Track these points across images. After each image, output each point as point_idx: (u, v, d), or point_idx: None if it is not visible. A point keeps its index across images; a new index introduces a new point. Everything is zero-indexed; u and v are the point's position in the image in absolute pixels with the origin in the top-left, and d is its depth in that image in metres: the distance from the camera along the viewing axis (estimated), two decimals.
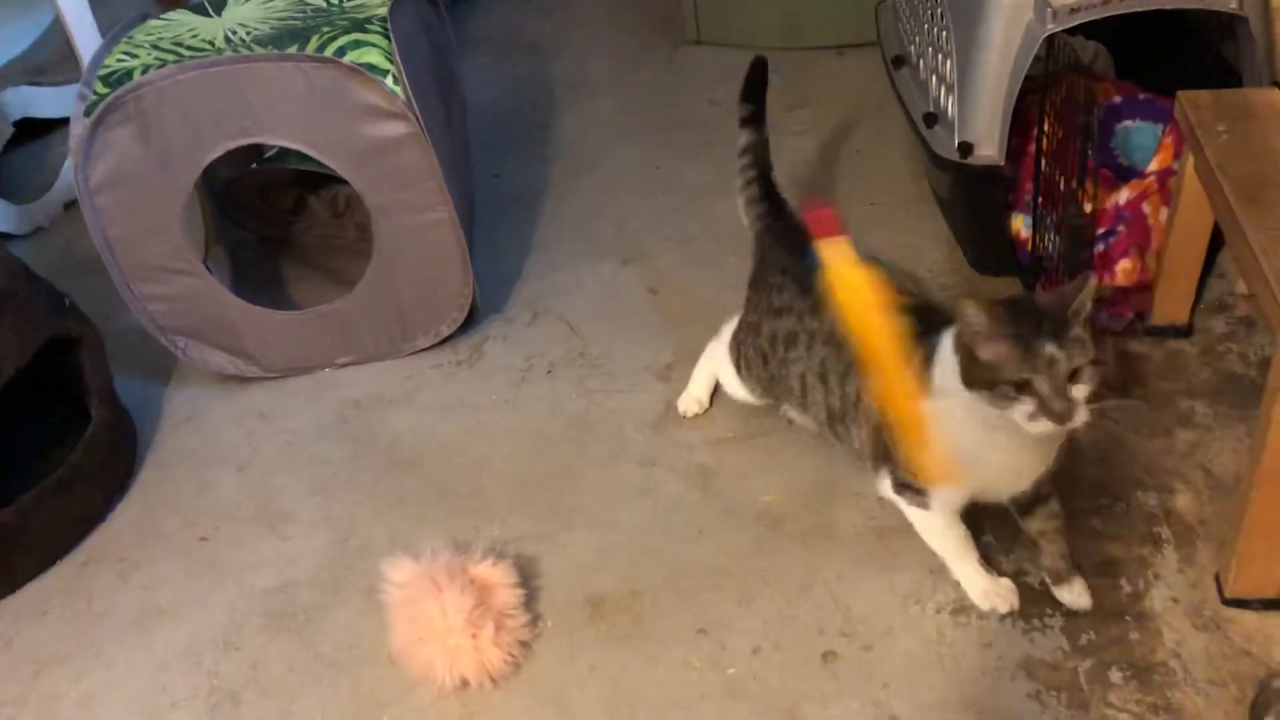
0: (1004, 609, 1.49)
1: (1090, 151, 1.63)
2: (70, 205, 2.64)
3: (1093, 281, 1.25)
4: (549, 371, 2.01)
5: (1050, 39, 1.76)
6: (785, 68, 2.83)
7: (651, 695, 1.45)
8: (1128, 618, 1.47)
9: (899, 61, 2.23)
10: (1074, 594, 1.49)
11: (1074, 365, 1.23)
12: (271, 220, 2.38)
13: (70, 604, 1.68)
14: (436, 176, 1.87)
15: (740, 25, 2.96)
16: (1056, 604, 1.49)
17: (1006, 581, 1.51)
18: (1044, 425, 1.24)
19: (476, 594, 1.50)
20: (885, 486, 1.51)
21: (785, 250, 1.67)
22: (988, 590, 1.50)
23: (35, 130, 2.77)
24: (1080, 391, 1.24)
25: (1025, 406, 1.24)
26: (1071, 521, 1.59)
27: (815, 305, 1.53)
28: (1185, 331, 1.87)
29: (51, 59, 2.82)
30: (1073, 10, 1.75)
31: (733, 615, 1.54)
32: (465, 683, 1.47)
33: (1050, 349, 1.23)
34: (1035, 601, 1.51)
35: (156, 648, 1.60)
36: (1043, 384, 1.23)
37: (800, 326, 1.58)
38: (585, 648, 1.52)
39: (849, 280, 1.34)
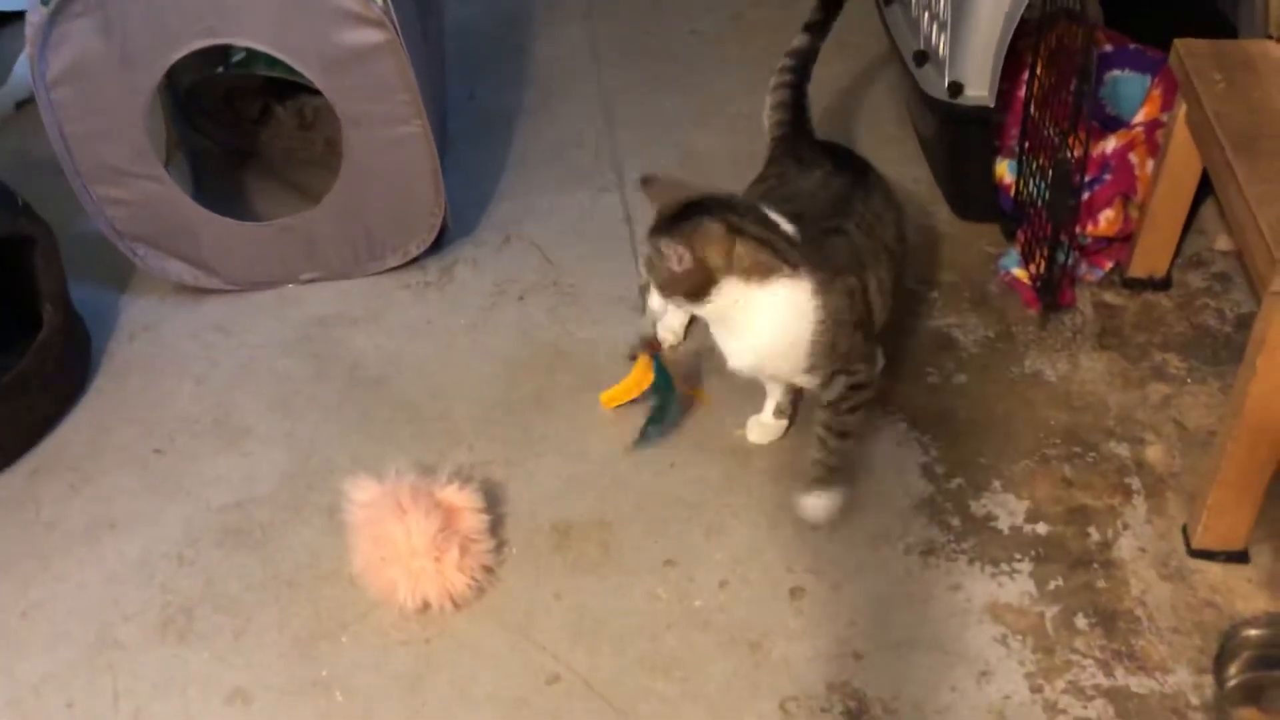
0: (755, 438, 1.65)
1: (1086, 93, 1.60)
2: (23, 105, 2.52)
3: (673, 243, 1.33)
4: (520, 298, 1.96)
5: None
6: (770, 3, 2.77)
7: (616, 624, 1.44)
8: (1095, 565, 1.47)
9: None
10: (807, 505, 1.52)
11: (648, 275, 1.36)
12: (236, 129, 2.29)
13: (17, 514, 1.63)
14: (412, 89, 1.81)
15: None
16: (1025, 549, 1.50)
17: (774, 423, 1.65)
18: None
19: (442, 517, 1.47)
20: None
21: (796, 166, 1.62)
22: (752, 421, 1.65)
23: None
24: (653, 295, 1.37)
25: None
26: (1042, 468, 1.60)
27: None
28: (1163, 284, 1.86)
29: None
30: None
31: (701, 548, 1.52)
32: (427, 605, 1.45)
33: (645, 245, 1.37)
34: (1004, 546, 1.51)
35: (108, 560, 1.56)
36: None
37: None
38: (550, 575, 1.50)
39: None
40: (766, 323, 1.38)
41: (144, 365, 1.87)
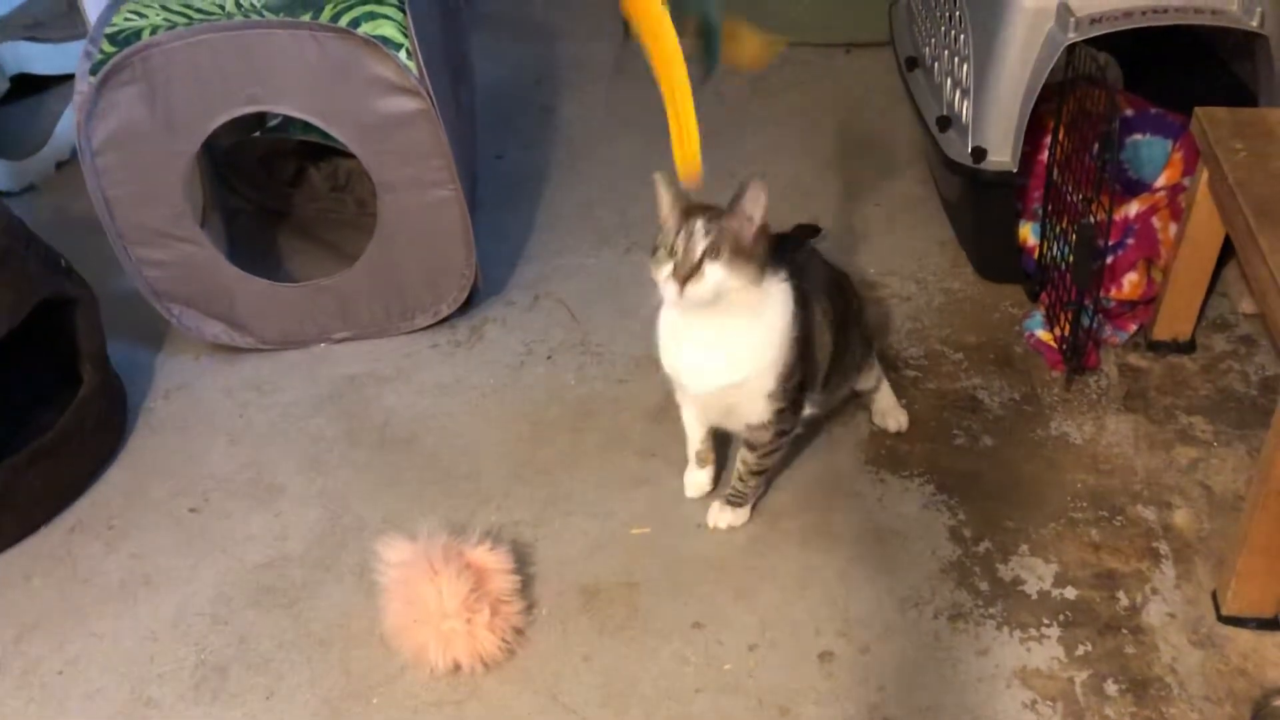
0: (690, 493, 1.69)
1: (1108, 160, 1.62)
2: (63, 165, 2.60)
3: (757, 183, 1.40)
4: (548, 357, 1.99)
5: (1070, 48, 1.76)
6: (791, 64, 2.82)
7: (645, 687, 1.44)
8: (1124, 630, 1.47)
9: (912, 63, 2.23)
10: (715, 516, 1.64)
11: (712, 241, 1.38)
12: (270, 190, 2.34)
13: (55, 569, 1.65)
14: (445, 154, 1.85)
15: (748, 18, 2.94)
16: (1054, 614, 1.50)
17: (701, 473, 1.69)
18: (673, 289, 1.38)
19: (472, 578, 1.48)
20: None
21: None
22: (688, 478, 1.70)
23: (30, 87, 2.71)
24: (712, 269, 1.38)
25: (667, 267, 1.39)
26: (1070, 532, 1.60)
27: None
28: (1187, 347, 1.87)
29: (49, 14, 2.77)
30: (1094, 21, 1.74)
31: (730, 610, 1.53)
32: (458, 667, 1.46)
33: (699, 223, 1.38)
34: (1032, 610, 1.51)
35: (143, 617, 1.57)
36: (681, 248, 1.38)
37: None
38: (579, 636, 1.51)
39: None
40: (764, 326, 1.46)
41: (179, 423, 1.90)
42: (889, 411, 1.78)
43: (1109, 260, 1.85)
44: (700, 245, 1.38)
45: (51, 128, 2.59)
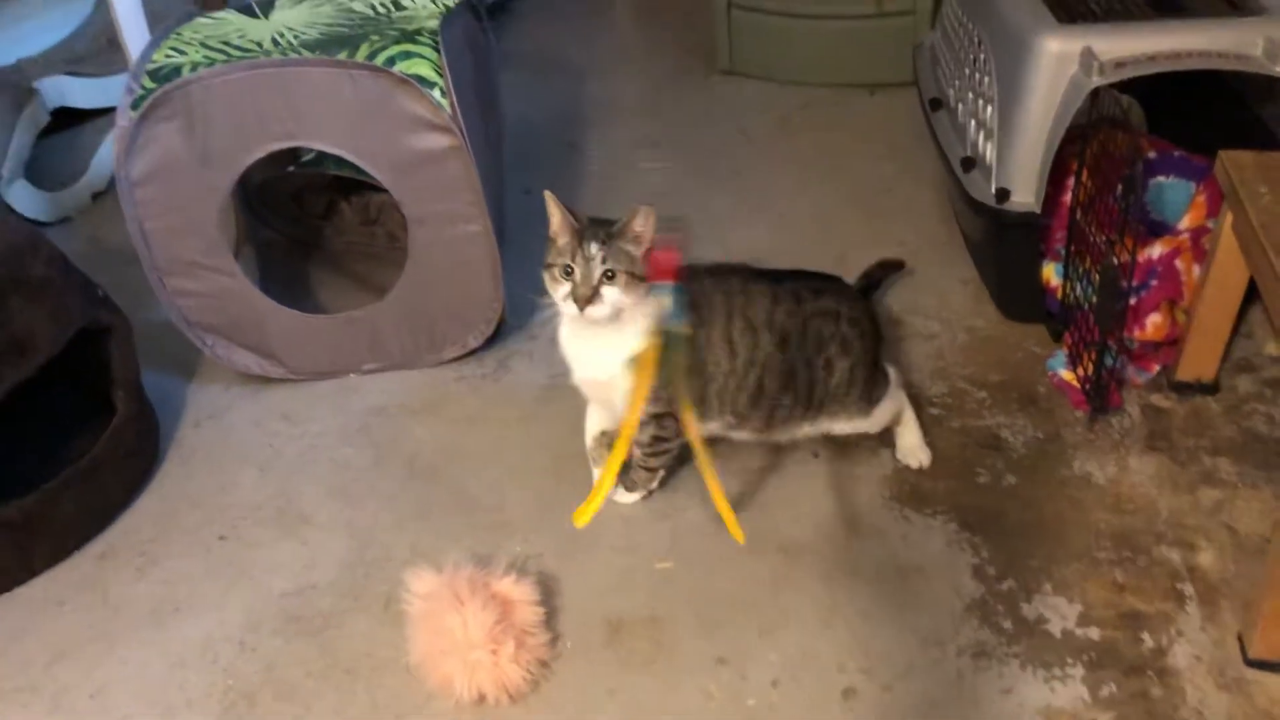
0: (626, 499, 1.76)
1: (1131, 202, 1.64)
2: (98, 196, 2.65)
3: (645, 210, 1.49)
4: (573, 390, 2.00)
5: (1094, 91, 1.78)
6: (816, 104, 2.86)
7: None
8: (1150, 672, 1.47)
9: (936, 104, 2.25)
10: (618, 498, 1.74)
11: (608, 267, 1.47)
12: (303, 223, 2.38)
13: (86, 596, 1.67)
14: (476, 190, 1.88)
15: (773, 59, 2.99)
16: (1078, 654, 1.49)
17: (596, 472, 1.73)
18: (572, 308, 1.49)
19: (498, 610, 1.49)
20: None
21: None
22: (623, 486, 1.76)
23: (70, 119, 2.77)
24: (610, 291, 1.48)
25: (565, 288, 1.50)
26: (1094, 572, 1.60)
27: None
28: (1211, 389, 1.88)
29: (89, 50, 2.83)
30: (1118, 65, 1.77)
31: (753, 646, 1.54)
32: (483, 698, 1.46)
33: (594, 246, 1.48)
34: (1056, 650, 1.51)
35: (172, 644, 1.59)
36: (579, 271, 1.48)
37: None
38: (604, 670, 1.52)
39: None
40: (632, 332, 1.55)
41: (209, 452, 1.93)
42: (913, 449, 1.79)
43: (1132, 301, 1.86)
44: (598, 270, 1.48)
45: (89, 160, 2.64)
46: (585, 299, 1.48)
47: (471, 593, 1.50)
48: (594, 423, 1.78)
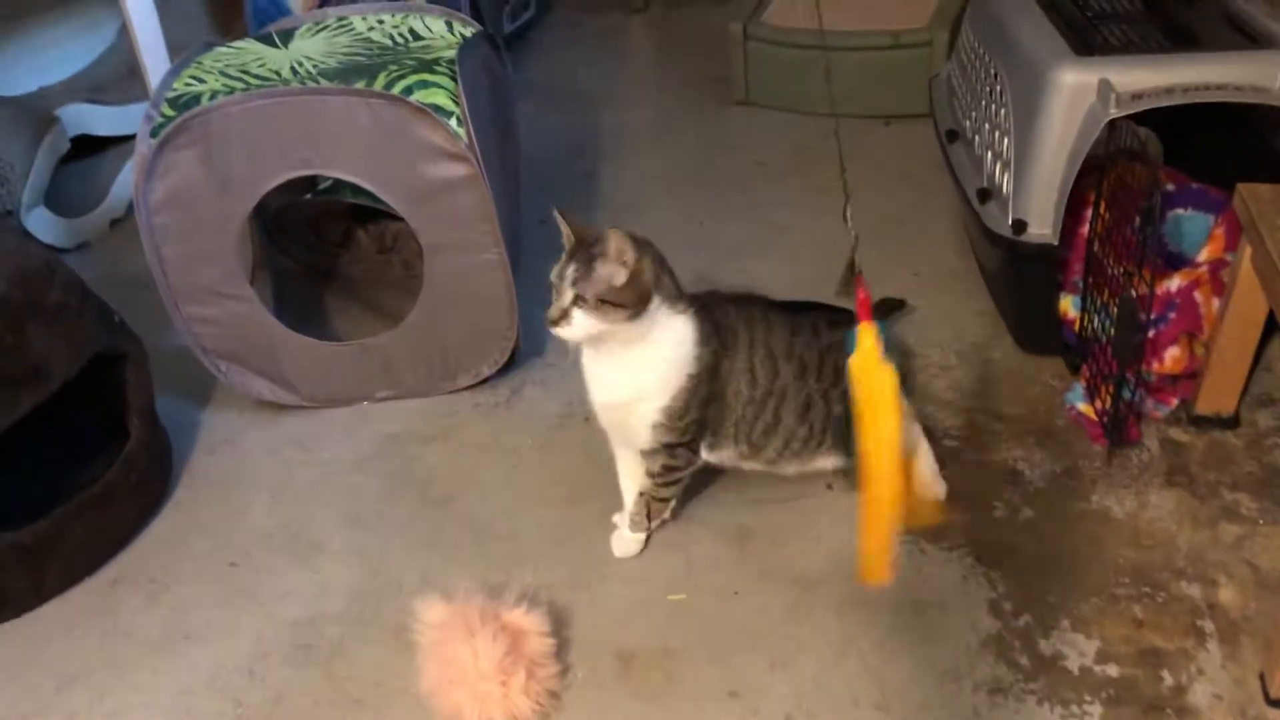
0: (616, 552, 1.72)
1: (1149, 235, 1.63)
2: (116, 223, 2.67)
3: (614, 234, 1.46)
4: (586, 419, 1.99)
5: (1111, 123, 1.77)
6: (832, 136, 2.85)
7: None
8: (1169, 710, 1.44)
9: (952, 135, 2.25)
10: (620, 541, 1.72)
11: (577, 291, 1.46)
12: (319, 251, 2.39)
13: (97, 621, 1.67)
14: (492, 219, 1.89)
15: (789, 90, 3.00)
16: (1096, 690, 1.47)
17: (631, 536, 1.71)
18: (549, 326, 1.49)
19: (509, 640, 1.48)
20: None
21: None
22: (614, 535, 1.73)
23: (88, 147, 2.80)
24: (579, 315, 1.46)
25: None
26: (1112, 608, 1.58)
27: None
28: (1231, 423, 1.86)
29: (110, 78, 2.87)
30: (1136, 97, 1.76)
31: (766, 679, 1.52)
32: None
33: (571, 268, 1.47)
34: (1074, 687, 1.48)
35: (182, 671, 1.58)
36: (554, 290, 1.48)
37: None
38: (615, 702, 1.50)
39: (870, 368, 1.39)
40: (653, 355, 1.53)
41: (222, 478, 1.92)
42: (929, 481, 1.77)
43: (1151, 334, 1.84)
44: (569, 294, 1.47)
45: (107, 187, 2.66)
46: (552, 320, 1.48)
47: (482, 623, 1.49)
48: (628, 484, 1.73)
